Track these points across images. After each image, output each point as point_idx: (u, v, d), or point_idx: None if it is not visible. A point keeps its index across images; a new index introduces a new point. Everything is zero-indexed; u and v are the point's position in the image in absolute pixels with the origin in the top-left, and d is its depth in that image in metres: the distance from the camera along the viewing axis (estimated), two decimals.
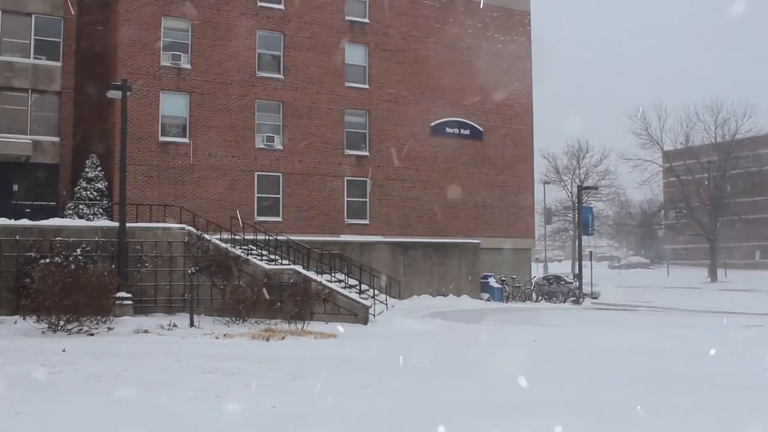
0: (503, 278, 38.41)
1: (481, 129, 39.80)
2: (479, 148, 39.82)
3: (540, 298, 39.92)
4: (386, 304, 28.53)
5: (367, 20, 37.35)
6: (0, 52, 32.45)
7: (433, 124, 38.53)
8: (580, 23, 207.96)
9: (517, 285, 39.15)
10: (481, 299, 35.87)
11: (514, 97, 41.19)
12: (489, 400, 10.77)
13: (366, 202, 36.54)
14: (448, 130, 38.92)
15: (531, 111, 42.01)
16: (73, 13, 33.48)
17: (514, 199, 40.88)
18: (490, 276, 37.64)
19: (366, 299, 26.32)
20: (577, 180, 75.29)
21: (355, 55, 37.14)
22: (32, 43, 33.01)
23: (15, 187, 32.13)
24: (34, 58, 33.02)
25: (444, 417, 9.53)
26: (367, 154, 36.80)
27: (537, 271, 58.60)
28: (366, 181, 36.66)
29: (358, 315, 24.73)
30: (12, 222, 23.68)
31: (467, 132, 39.50)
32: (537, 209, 57.87)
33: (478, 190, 39.50)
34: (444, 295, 34.51)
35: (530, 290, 39.99)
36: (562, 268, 78.35)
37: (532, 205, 43.87)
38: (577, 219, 49.30)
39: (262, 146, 34.38)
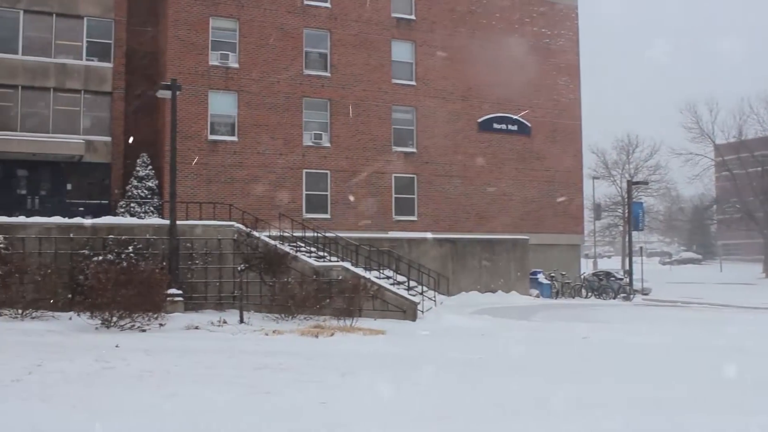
0: (552, 274, 38.06)
1: (529, 124, 39.50)
2: (527, 144, 39.53)
3: (590, 294, 39.46)
4: (434, 301, 28.44)
5: (413, 17, 37.29)
6: (53, 54, 33.06)
7: (480, 120, 38.36)
8: (630, 15, 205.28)
9: (567, 281, 38.78)
10: (530, 295, 35.57)
11: (562, 91, 40.81)
12: (541, 397, 10.66)
13: (414, 198, 36.51)
14: (495, 126, 38.71)
15: (579, 105, 41.56)
16: (123, 15, 33.96)
17: (563, 194, 40.51)
18: (539, 272, 37.33)
19: (414, 296, 26.27)
20: (626, 175, 74.39)
21: (401, 51, 37.11)
22: (84, 45, 33.57)
23: (69, 186, 32.72)
24: (86, 59, 33.58)
25: (495, 415, 9.46)
26: (414, 150, 36.75)
27: (586, 267, 58.00)
28: (413, 177, 36.62)
29: (407, 311, 24.68)
30: (66, 220, 24.08)
31: (515, 128, 39.24)
32: (586, 205, 57.23)
33: (526, 185, 39.22)
34: (492, 292, 34.29)
35: (580, 286, 39.56)
36: (612, 264, 77.44)
37: (581, 200, 43.41)
38: (627, 214, 48.64)
39: (310, 144, 34.54)
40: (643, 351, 17.19)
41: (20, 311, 20.34)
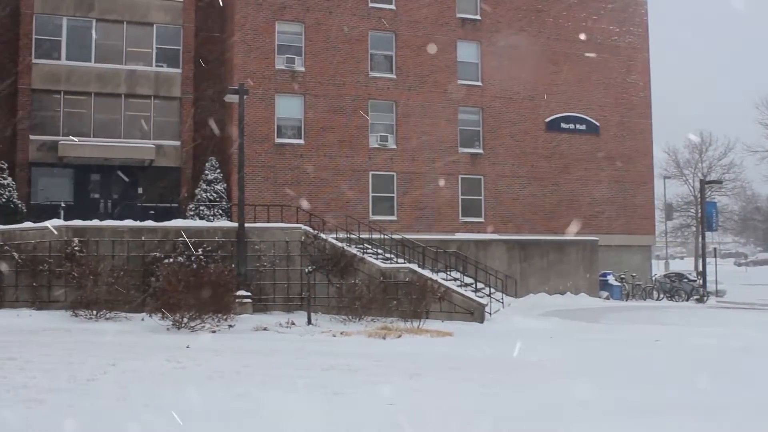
0: (622, 276, 37.39)
1: (598, 123, 38.91)
2: (596, 143, 38.94)
3: (661, 296, 38.65)
4: (502, 303, 28.17)
5: (478, 17, 37.08)
6: (124, 61, 33.75)
7: (547, 119, 37.93)
8: (700, 9, 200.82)
9: (638, 283, 38.06)
10: (600, 297, 35.01)
11: (632, 89, 40.09)
12: (611, 401, 10.44)
13: (480, 199, 36.27)
14: (563, 125, 38.24)
15: (649, 103, 40.76)
16: (191, 21, 34.51)
17: (633, 194, 39.78)
18: (609, 274, 36.71)
19: (482, 297, 26.06)
20: (699, 174, 72.57)
21: (467, 52, 36.92)
22: (154, 51, 34.20)
23: (140, 190, 33.36)
24: (156, 66, 34.19)
25: (565, 418, 9.29)
26: (480, 151, 36.52)
27: (658, 269, 56.85)
28: (480, 178, 36.39)
29: (474, 313, 24.51)
30: (138, 223, 24.55)
31: (583, 127, 38.70)
32: (657, 205, 56.07)
33: (595, 186, 38.63)
34: (561, 294, 33.84)
35: (651, 288, 38.78)
36: (685, 265, 75.74)
37: (652, 200, 42.51)
38: (699, 215, 47.56)
39: (376, 146, 34.60)
40: (718, 355, 16.73)
41: (94, 312, 20.82)
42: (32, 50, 32.58)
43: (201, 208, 30.73)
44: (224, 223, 26.79)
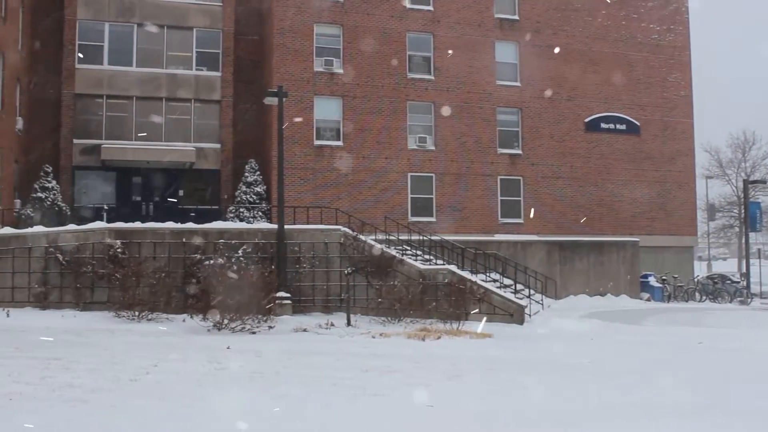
0: (664, 277, 36.94)
1: (638, 123, 38.51)
2: (636, 143, 38.54)
3: (704, 297, 38.11)
4: (542, 304, 28.02)
5: (516, 17, 36.91)
6: (165, 65, 34.15)
7: (587, 119, 37.63)
8: (743, 5, 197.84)
9: (679, 284, 37.56)
10: (641, 299, 34.62)
11: (673, 88, 39.61)
12: (653, 403, 10.33)
13: (520, 200, 36.09)
14: (602, 125, 37.91)
15: (691, 102, 40.24)
16: (230, 25, 34.82)
17: (675, 195, 39.29)
18: (650, 275, 36.29)
19: (521, 299, 25.94)
20: (742, 174, 71.49)
21: (505, 52, 36.75)
22: (194, 55, 34.58)
23: (180, 192, 33.71)
24: (196, 69, 34.56)
25: (607, 420, 9.21)
26: (519, 152, 36.34)
27: (700, 270, 56.08)
28: (519, 179, 36.20)
29: (514, 315, 24.41)
30: (179, 225, 24.80)
31: (623, 127, 38.32)
32: (699, 205, 55.33)
33: (635, 186, 38.22)
34: (601, 295, 33.55)
35: (693, 290, 38.26)
36: (727, 266, 74.65)
37: (693, 201, 41.94)
38: (743, 215, 46.84)
39: (415, 147, 34.59)
40: (763, 358, 16.47)
41: (137, 313, 21.08)
42: (75, 56, 33.12)
43: (241, 209, 30.96)
44: (264, 224, 26.95)
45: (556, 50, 37.09)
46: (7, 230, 23.96)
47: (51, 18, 33.52)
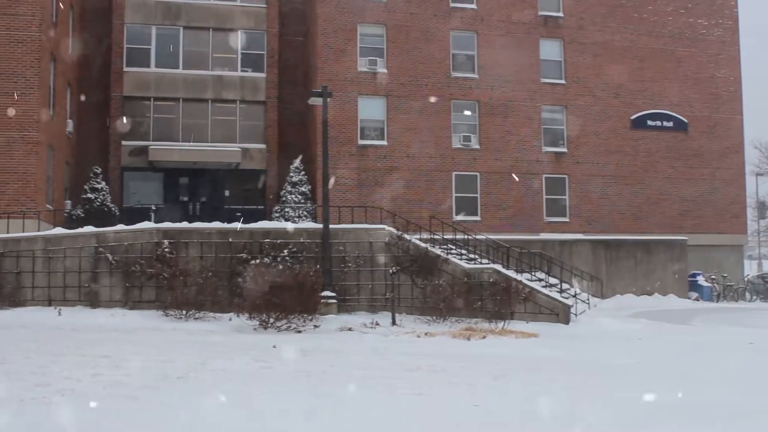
0: (713, 276, 36.39)
1: (686, 120, 37.98)
2: (684, 141, 38.02)
3: (754, 297, 37.45)
4: (588, 304, 27.77)
5: (560, 14, 36.64)
6: (211, 67, 34.52)
7: (633, 117, 37.22)
8: None
9: (729, 284, 36.96)
10: (689, 298, 34.13)
11: (721, 84, 39.00)
12: (704, 404, 10.17)
13: (565, 199, 35.83)
14: (649, 122, 37.47)
15: (740, 98, 39.57)
16: (275, 26, 35.08)
17: (724, 193, 38.67)
18: (699, 274, 35.77)
19: (567, 298, 25.74)
20: None
21: (549, 50, 36.53)
22: (239, 56, 34.92)
23: (227, 192, 34.05)
24: (241, 71, 34.89)
25: (657, 421, 9.11)
26: (565, 150, 36.08)
27: (750, 269, 55.10)
28: (565, 177, 35.94)
29: (560, 314, 24.24)
30: (225, 225, 25.03)
31: (670, 124, 37.83)
32: (749, 203, 54.39)
33: (683, 184, 37.70)
34: (649, 294, 33.15)
35: (743, 289, 37.62)
36: None
37: (743, 198, 41.27)
38: None
39: (459, 146, 34.53)
40: None
41: (184, 312, 21.32)
42: (123, 59, 33.65)
43: (286, 209, 31.16)
44: (309, 224, 27.08)
45: (602, 47, 36.73)
46: (59, 230, 24.42)
47: (99, 23, 34.10)
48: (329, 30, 33.69)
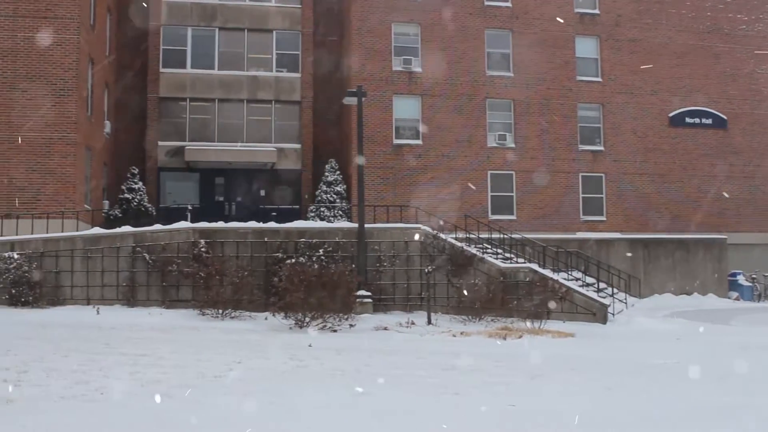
0: (754, 276, 35.83)
1: (725, 117, 37.44)
2: (723, 138, 37.48)
3: None
4: (625, 303, 27.49)
5: (597, 11, 36.32)
6: (246, 67, 34.70)
7: (671, 114, 36.77)
8: None
9: None
10: (729, 298, 33.65)
11: (762, 80, 38.38)
12: (745, 405, 10.00)
13: (602, 198, 35.50)
14: (687, 120, 36.99)
15: None
16: (309, 27, 35.18)
17: (764, 191, 38.04)
18: (739, 273, 35.24)
19: (604, 298, 25.51)
20: None
21: (585, 47, 36.22)
22: (274, 57, 35.07)
23: (262, 192, 34.20)
24: (276, 71, 35.03)
25: (698, 421, 8.97)
26: (601, 148, 35.74)
27: None
28: (601, 176, 35.61)
29: (597, 314, 24.03)
30: (260, 225, 25.14)
31: (709, 121, 37.31)
32: None
33: (722, 182, 37.15)
34: (687, 294, 32.74)
35: None
36: None
37: None
38: None
39: (495, 145, 34.36)
40: None
41: (220, 311, 21.45)
42: (160, 60, 33.97)
43: (321, 209, 31.22)
44: (344, 223, 27.11)
45: (639, 44, 36.35)
46: (97, 230, 24.70)
47: (136, 25, 34.42)
48: (364, 30, 33.70)
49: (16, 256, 22.74)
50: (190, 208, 31.22)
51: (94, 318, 20.58)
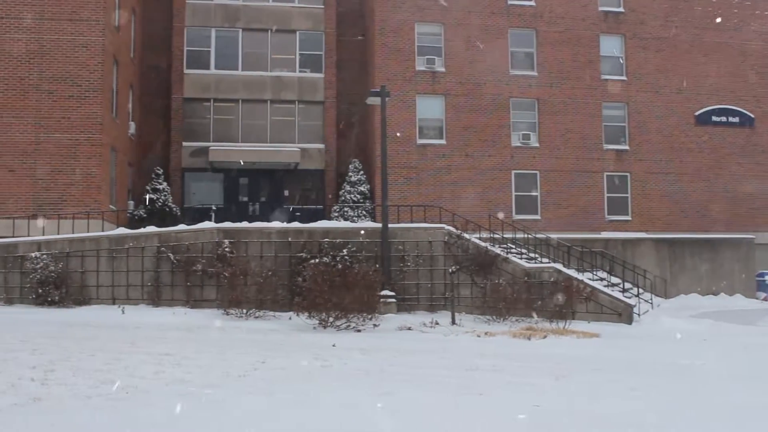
0: None
1: (752, 116, 37.03)
2: (750, 136, 37.07)
3: None
4: (651, 303, 27.30)
5: (621, 9, 36.06)
6: (270, 68, 34.79)
7: (697, 113, 36.43)
8: None
9: None
10: (757, 299, 33.29)
11: None
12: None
13: (627, 197, 35.24)
14: (714, 118, 36.62)
15: None
16: (332, 27, 35.21)
17: None
18: (767, 273, 34.87)
19: (630, 298, 25.34)
20: None
21: (610, 46, 35.97)
22: (297, 57, 35.14)
23: (286, 192, 34.28)
24: (299, 71, 35.09)
25: (727, 421, 8.86)
26: (626, 147, 35.48)
27: None
28: (627, 176, 35.35)
29: (622, 314, 23.87)
30: (284, 225, 25.21)
31: (736, 119, 36.93)
32: None
33: (750, 181, 36.73)
34: (714, 294, 32.43)
35: None
36: None
37: None
38: None
39: (518, 144, 34.21)
40: None
41: (244, 311, 21.51)
42: (184, 61, 34.15)
43: (345, 209, 31.24)
44: (368, 223, 27.12)
45: (664, 42, 36.07)
46: (122, 230, 24.87)
47: (160, 26, 34.65)
48: (387, 29, 33.68)
49: (42, 256, 22.95)
50: (214, 208, 31.35)
51: (120, 317, 20.71)
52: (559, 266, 25.50)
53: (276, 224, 25.26)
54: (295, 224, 25.64)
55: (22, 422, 7.82)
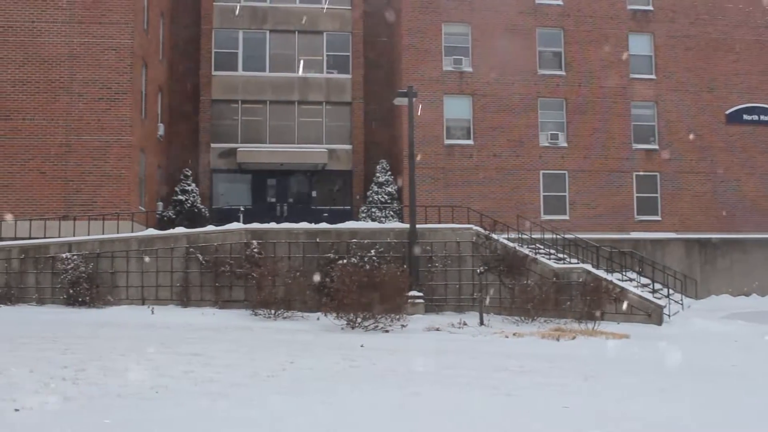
0: None
1: None
2: None
3: None
4: (681, 304, 27.06)
5: (650, 7, 35.74)
6: (297, 69, 34.90)
7: (728, 111, 36.01)
8: None
9: None
10: None
11: None
12: None
13: (657, 197, 34.90)
14: (745, 117, 36.18)
15: None
16: (359, 28, 35.26)
17: None
18: None
19: (659, 299, 25.13)
20: None
21: (639, 44, 35.66)
22: (324, 58, 35.23)
23: (313, 193, 34.37)
24: (327, 72, 35.17)
25: (759, 427, 8.76)
26: (656, 147, 35.16)
27: None
28: (656, 175, 35.02)
29: (652, 315, 23.68)
30: (312, 225, 25.27)
31: (767, 118, 36.47)
32: None
33: None
34: (746, 295, 32.08)
35: None
36: None
37: None
38: None
39: (546, 144, 34.02)
40: None
41: (273, 311, 21.60)
42: (212, 63, 34.35)
43: (372, 209, 31.25)
44: (396, 224, 27.12)
45: (694, 40, 35.72)
46: (151, 231, 25.07)
47: (188, 29, 34.89)
48: (414, 30, 33.64)
49: (73, 257, 23.19)
50: (242, 209, 31.48)
51: (149, 318, 20.87)
52: (588, 267, 25.35)
53: (304, 225, 25.33)
54: (323, 225, 25.69)
55: (52, 421, 7.89)
